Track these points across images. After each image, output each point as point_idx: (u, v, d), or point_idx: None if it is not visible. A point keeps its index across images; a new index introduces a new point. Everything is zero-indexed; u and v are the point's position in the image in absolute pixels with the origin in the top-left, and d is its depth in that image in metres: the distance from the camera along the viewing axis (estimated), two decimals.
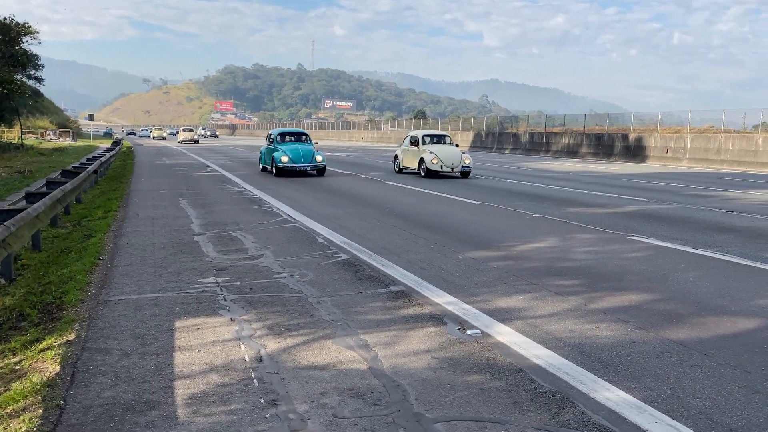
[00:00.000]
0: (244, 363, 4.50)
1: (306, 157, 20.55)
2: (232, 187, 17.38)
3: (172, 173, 22.40)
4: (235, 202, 13.74)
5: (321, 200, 14.24)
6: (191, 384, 4.14)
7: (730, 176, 24.15)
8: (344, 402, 3.85)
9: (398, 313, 5.63)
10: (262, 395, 3.96)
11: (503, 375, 4.26)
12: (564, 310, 5.78)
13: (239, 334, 5.09)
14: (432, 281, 6.74)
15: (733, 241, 9.31)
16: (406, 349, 4.75)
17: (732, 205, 14.00)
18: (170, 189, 16.59)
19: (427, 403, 3.82)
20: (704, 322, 5.43)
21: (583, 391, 3.99)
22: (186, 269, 7.29)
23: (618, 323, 5.39)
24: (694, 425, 3.55)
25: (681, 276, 7.12)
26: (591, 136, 40.42)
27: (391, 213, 12.09)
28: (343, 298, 6.11)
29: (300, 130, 24.63)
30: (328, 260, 7.77)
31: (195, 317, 5.54)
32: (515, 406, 3.79)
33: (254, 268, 7.33)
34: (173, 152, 40.51)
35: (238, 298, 6.09)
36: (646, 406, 3.78)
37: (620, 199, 14.87)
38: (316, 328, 5.21)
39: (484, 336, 5.04)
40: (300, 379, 4.20)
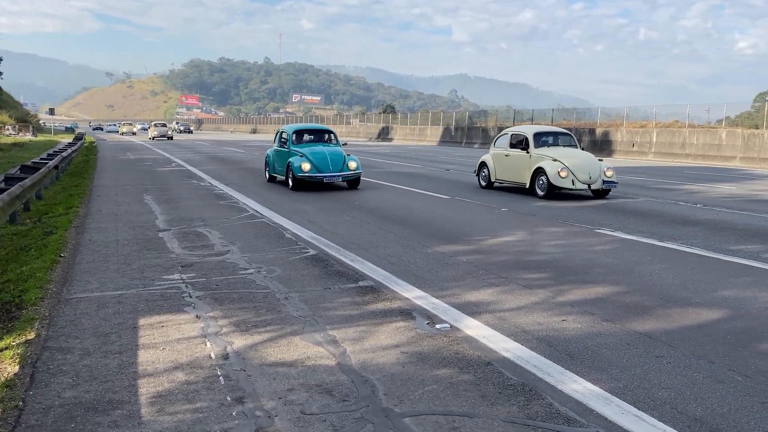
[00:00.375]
0: (209, 360, 4.42)
1: (335, 163, 14.80)
2: (197, 182, 17.14)
3: (137, 168, 22.02)
4: (200, 198, 13.55)
5: (288, 195, 14.12)
6: (155, 382, 4.05)
7: (694, 170, 24.61)
8: (312, 398, 3.80)
9: (367, 308, 5.59)
10: (228, 392, 3.89)
11: (472, 368, 4.26)
12: (532, 303, 5.81)
13: (205, 331, 5.00)
14: (401, 276, 6.72)
15: (697, 233, 9.47)
16: (374, 344, 4.71)
17: (696, 198, 14.26)
18: (134, 184, 16.29)
19: (396, 398, 3.79)
20: (669, 314, 5.50)
21: (551, 383, 4.01)
22: (150, 266, 7.15)
23: (585, 315, 5.43)
24: (659, 415, 3.59)
25: (647, 268, 7.22)
26: None
27: (359, 208, 12.05)
28: (311, 293, 6.06)
29: (323, 126, 18.05)
30: (295, 256, 7.70)
31: (160, 314, 5.43)
32: (484, 399, 3.79)
33: (220, 265, 7.22)
34: (137, 147, 39.85)
35: (203, 295, 5.99)
36: (613, 397, 3.81)
37: (587, 193, 15.01)
38: (284, 325, 5.14)
39: (453, 330, 5.03)
40: (267, 375, 4.14)
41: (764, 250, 8.20)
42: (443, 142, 51.55)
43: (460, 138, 50.21)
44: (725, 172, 23.80)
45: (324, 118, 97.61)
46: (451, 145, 48.98)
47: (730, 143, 29.09)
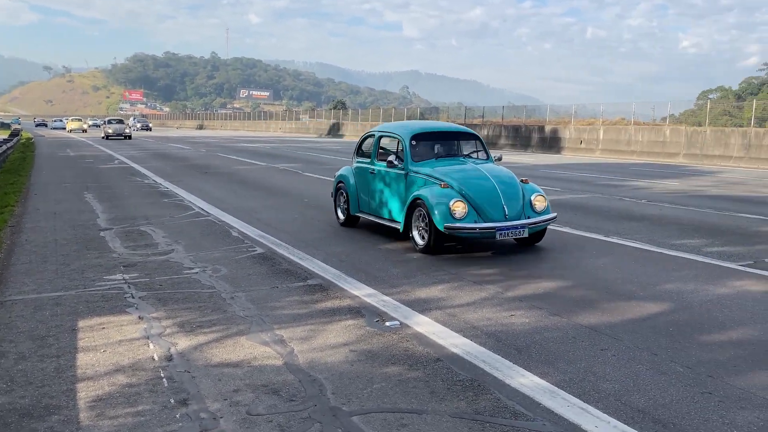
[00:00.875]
0: (152, 362, 4.29)
1: (512, 200, 7.81)
2: (141, 179, 16.71)
3: (77, 166, 21.33)
4: (144, 196, 13.20)
5: (235, 192, 13.89)
6: (95, 386, 3.90)
7: (640, 166, 25.25)
8: (258, 399, 3.72)
9: (315, 307, 5.52)
10: (171, 395, 3.77)
11: (421, 365, 4.24)
12: (481, 298, 5.84)
13: (148, 333, 4.85)
14: (351, 273, 6.67)
15: (641, 228, 9.69)
16: (323, 343, 4.65)
17: (641, 194, 14.63)
18: (75, 182, 15.77)
19: (344, 397, 3.75)
20: (614, 307, 5.61)
21: (499, 377, 4.03)
22: (91, 266, 6.92)
23: (533, 310, 5.49)
24: (604, 407, 3.64)
25: (593, 263, 7.35)
26: (509, 128, 41.41)
27: (309, 205, 11.93)
28: (258, 292, 5.95)
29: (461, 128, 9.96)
30: (242, 254, 7.56)
31: (100, 316, 5.24)
32: (432, 395, 3.77)
33: (164, 264, 7.03)
34: (79, 144, 38.67)
35: (147, 295, 5.82)
36: (559, 390, 3.85)
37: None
38: (230, 325, 5.03)
39: (402, 327, 5.01)
40: (212, 377, 4.04)
41: (705, 244, 8.45)
42: None
43: None
44: (669, 168, 24.50)
45: (272, 114, 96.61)
46: None
47: (674, 140, 29.98)
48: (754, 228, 9.86)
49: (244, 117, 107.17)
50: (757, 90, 70.51)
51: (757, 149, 26.33)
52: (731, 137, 27.65)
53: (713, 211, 11.60)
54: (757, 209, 12.02)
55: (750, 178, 20.23)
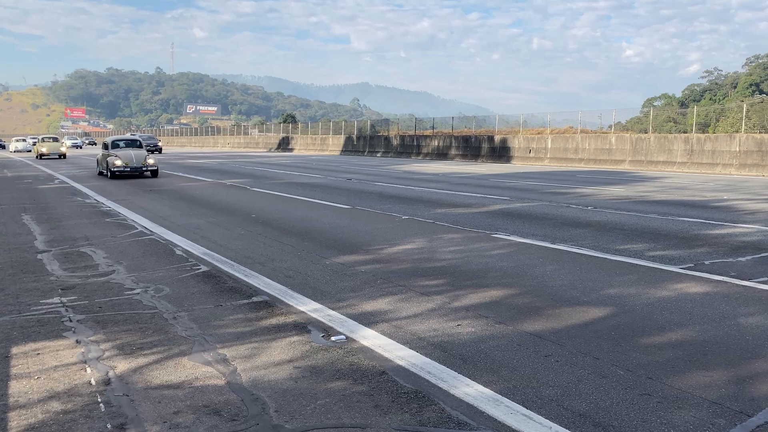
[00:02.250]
0: (89, 387, 4.14)
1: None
2: (83, 199, 16.25)
3: (15, 187, 20.62)
4: (85, 216, 12.83)
5: (180, 210, 13.64)
6: (27, 414, 3.74)
7: (586, 174, 25.84)
8: (199, 420, 3.62)
9: (260, 324, 5.43)
10: (108, 420, 3.64)
11: (366, 379, 4.21)
12: (428, 309, 5.84)
13: (85, 357, 4.68)
14: (297, 289, 6.60)
15: (587, 235, 9.89)
16: (267, 360, 4.58)
17: (587, 201, 14.94)
18: (11, 204, 15.24)
19: (287, 414, 3.68)
20: (559, 313, 5.68)
21: (444, 388, 4.02)
22: (26, 290, 6.67)
23: (479, 319, 5.51)
24: (546, 413, 3.67)
25: (539, 270, 7.45)
26: (459, 138, 41.91)
27: (256, 221, 11.80)
28: (202, 312, 5.82)
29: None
30: (186, 273, 7.40)
31: (35, 341, 5.04)
32: (377, 408, 3.74)
33: (104, 285, 6.83)
34: (16, 164, 37.46)
35: (85, 318, 5.63)
36: (503, 398, 3.86)
37: (486, 199, 15.44)
38: (171, 345, 4.91)
39: (348, 341, 4.97)
40: (152, 399, 3.92)
41: (648, 249, 8.67)
42: (345, 151, 51.67)
43: (362, 147, 50.49)
44: (615, 175, 25.14)
45: (221, 129, 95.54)
46: (353, 154, 49.16)
47: (619, 147, 30.82)
48: (695, 231, 10.17)
49: (192, 133, 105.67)
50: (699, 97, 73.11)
51: (699, 154, 27.27)
52: (674, 143, 28.57)
53: (656, 216, 11.93)
54: (698, 213, 12.42)
55: (692, 182, 20.92)
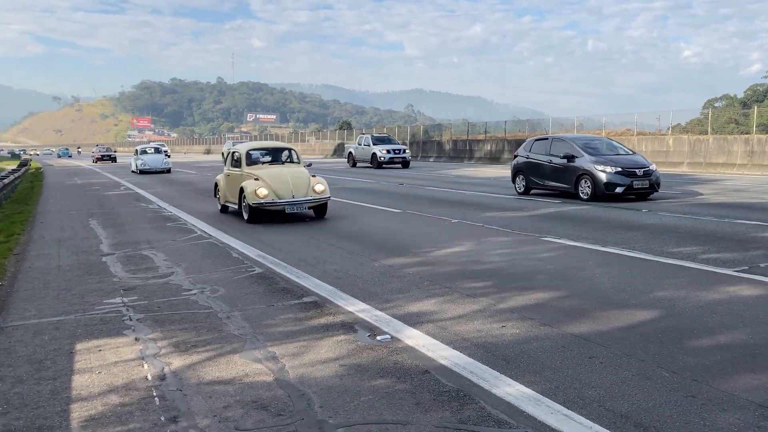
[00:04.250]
0: (146, 382, 4.37)
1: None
2: (146, 205, 16.89)
3: (83, 193, 21.57)
4: (148, 221, 13.35)
5: (237, 215, 14.00)
6: (88, 406, 3.99)
7: None
8: (247, 414, 3.79)
9: (309, 324, 5.60)
10: (162, 413, 3.85)
11: (409, 377, 4.30)
12: (473, 311, 5.89)
13: (143, 354, 4.94)
14: (346, 290, 6.75)
15: (639, 237, 9.72)
16: (314, 358, 4.73)
17: (641, 204, 14.64)
18: (80, 209, 15.97)
19: (331, 410, 3.81)
20: (606, 316, 5.64)
21: (485, 387, 4.08)
22: (91, 291, 7.03)
23: (524, 321, 5.53)
24: (587, 413, 3.68)
25: (588, 273, 7.39)
26: (512, 142, 41.48)
27: (309, 225, 12.03)
28: (254, 311, 6.03)
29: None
30: (241, 274, 7.66)
31: (98, 339, 5.34)
32: (418, 406, 3.83)
33: (164, 286, 7.14)
34: (86, 172, 39.07)
35: (144, 317, 5.92)
36: (544, 398, 3.90)
37: (536, 202, 15.31)
38: (224, 343, 5.12)
39: (393, 341, 5.08)
40: (203, 394, 4.12)
41: (702, 251, 8.48)
42: None
43: (415, 152, 50.55)
44: (672, 177, 24.46)
45: (279, 137, 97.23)
46: None
47: (677, 149, 29.99)
48: (752, 234, 9.87)
49: (252, 140, 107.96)
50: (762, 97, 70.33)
51: (761, 156, 26.30)
52: (734, 145, 27.64)
53: (712, 219, 11.61)
54: (756, 215, 12.03)
55: (752, 184, 20.20)
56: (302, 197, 12.05)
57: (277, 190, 11.92)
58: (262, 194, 11.81)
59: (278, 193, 11.90)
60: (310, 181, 12.39)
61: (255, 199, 11.82)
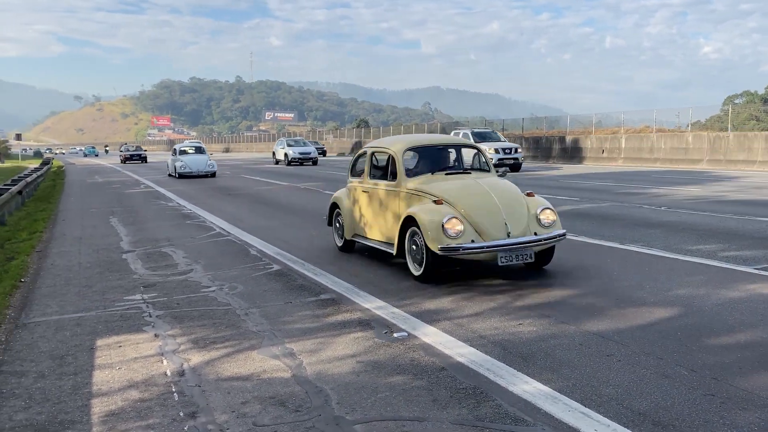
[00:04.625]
0: (165, 377, 4.42)
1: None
2: (165, 203, 17.04)
3: (104, 191, 21.82)
4: (167, 218, 13.48)
5: (256, 212, 14.11)
6: (109, 401, 4.05)
7: (661, 174, 25.03)
8: (265, 410, 3.82)
9: (326, 320, 5.63)
10: (181, 408, 3.89)
11: (426, 374, 4.31)
12: (490, 308, 5.88)
13: (162, 350, 4.99)
14: (363, 287, 6.77)
15: (658, 235, 9.64)
16: (331, 355, 4.75)
17: (661, 201, 14.51)
18: (101, 207, 16.16)
19: (349, 406, 3.83)
20: (624, 314, 5.61)
21: (502, 385, 4.08)
22: (112, 287, 7.12)
23: (541, 318, 5.52)
24: (605, 411, 3.67)
25: (606, 271, 7.34)
26: (530, 139, 41.32)
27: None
28: (272, 308, 6.08)
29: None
30: (259, 272, 7.71)
31: (118, 335, 5.41)
32: (435, 403, 3.84)
33: (183, 283, 7.21)
34: (106, 170, 39.49)
35: (163, 314, 5.98)
36: (561, 395, 3.89)
37: (555, 200, 15.13)
38: (242, 340, 5.16)
39: (410, 338, 5.09)
40: (222, 390, 4.16)
41: (721, 249, 8.39)
42: None
43: None
44: (691, 174, 24.23)
45: (297, 134, 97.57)
46: None
47: (696, 146, 29.66)
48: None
49: (270, 139, 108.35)
50: None
51: None
52: (755, 141, 27.28)
53: (732, 216, 11.48)
54: None
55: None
56: (523, 236, 6.86)
57: (481, 223, 6.82)
58: (456, 230, 6.70)
59: (482, 229, 6.80)
60: (527, 205, 7.23)
61: (443, 239, 6.64)
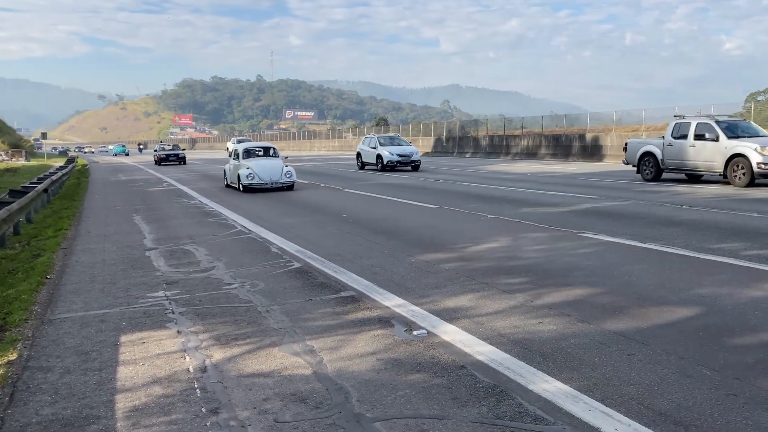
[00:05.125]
0: (187, 374, 4.48)
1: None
2: (187, 201, 17.21)
3: (127, 190, 22.08)
4: (189, 216, 13.62)
5: (277, 210, 14.20)
6: (132, 397, 4.11)
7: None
8: (286, 407, 3.86)
9: (346, 318, 5.66)
10: (203, 404, 3.95)
11: (445, 372, 4.32)
12: (510, 307, 5.88)
13: (185, 346, 5.06)
14: (383, 285, 6.79)
15: (679, 234, 9.55)
16: (351, 352, 4.78)
17: (682, 199, 14.36)
18: (124, 205, 16.36)
19: (369, 404, 3.86)
20: (645, 313, 5.58)
21: (522, 383, 4.08)
22: (135, 284, 7.22)
23: (561, 317, 5.50)
24: (626, 411, 3.66)
25: (626, 269, 7.29)
26: (549, 137, 41.05)
27: (346, 220, 12.12)
28: (293, 305, 6.13)
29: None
30: (280, 269, 7.77)
31: (141, 331, 5.49)
32: (455, 401, 3.85)
33: (205, 281, 7.29)
34: (129, 169, 39.92)
35: (186, 311, 6.06)
36: (582, 395, 3.88)
37: (574, 198, 15.13)
38: (263, 337, 5.21)
39: (430, 336, 5.11)
40: (243, 386, 4.21)
41: (744, 248, 8.29)
42: (435, 152, 51.71)
43: (451, 148, 50.39)
44: None
45: (317, 134, 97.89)
46: (442, 155, 49.13)
47: None
48: None
49: (290, 137, 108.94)
50: None
51: None
52: None
53: (755, 214, 11.34)
54: None
55: None
56: None
57: None
58: None
59: None
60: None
61: None
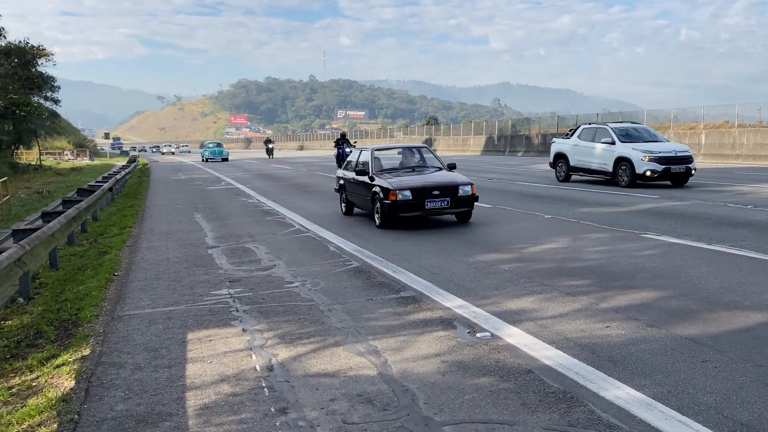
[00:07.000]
0: (255, 372, 4.54)
1: None
2: (246, 199, 17.50)
3: (187, 188, 22.59)
4: (248, 215, 13.85)
5: (333, 209, 14.29)
6: (202, 394, 4.19)
7: (744, 171, 23.85)
8: (353, 408, 3.87)
9: (408, 318, 5.65)
10: (272, 403, 3.99)
11: (512, 376, 4.26)
12: (574, 310, 5.76)
13: (251, 344, 5.14)
14: (442, 285, 6.76)
15: (746, 235, 9.21)
16: (415, 353, 4.77)
17: (746, 199, 13.84)
18: (185, 204, 16.75)
19: (436, 407, 3.83)
20: (716, 318, 5.39)
21: (593, 390, 3.99)
22: (199, 282, 7.37)
23: (629, 321, 5.36)
24: (704, 421, 3.53)
25: (694, 272, 7.07)
26: None
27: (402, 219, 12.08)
28: (354, 305, 6.15)
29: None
30: (339, 268, 7.82)
31: (207, 329, 5.60)
32: (524, 407, 3.79)
33: (267, 279, 7.39)
34: (188, 168, 40.86)
35: (250, 309, 6.15)
36: (656, 402, 3.77)
37: (633, 198, 14.75)
38: (327, 336, 5.25)
39: (493, 338, 5.05)
40: (310, 386, 4.24)
41: None
42: (486, 151, 51.26)
43: (503, 147, 49.87)
44: None
45: (368, 133, 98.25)
46: (494, 154, 48.67)
47: None
48: None
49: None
50: None
51: None
52: None
53: None
54: None
55: None
56: None
57: None
58: None
59: None
60: None
61: None
